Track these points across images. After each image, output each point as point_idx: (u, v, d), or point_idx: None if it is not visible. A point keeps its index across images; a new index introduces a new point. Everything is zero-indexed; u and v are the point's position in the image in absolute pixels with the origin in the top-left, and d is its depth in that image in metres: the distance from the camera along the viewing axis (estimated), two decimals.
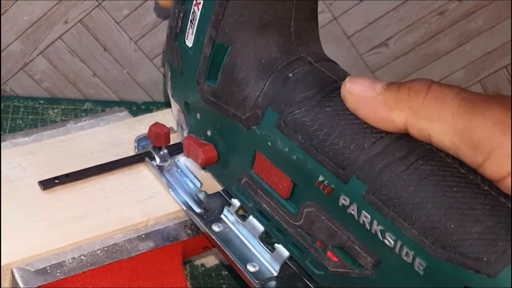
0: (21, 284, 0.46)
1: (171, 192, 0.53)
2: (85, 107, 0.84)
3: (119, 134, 0.60)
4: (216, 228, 0.50)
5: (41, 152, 0.57)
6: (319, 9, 0.83)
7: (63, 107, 0.83)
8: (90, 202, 0.53)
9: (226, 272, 0.66)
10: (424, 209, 0.35)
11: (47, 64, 0.82)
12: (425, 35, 0.88)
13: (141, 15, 0.80)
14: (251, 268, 0.47)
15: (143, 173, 0.56)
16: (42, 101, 0.83)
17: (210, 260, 0.67)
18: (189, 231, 0.53)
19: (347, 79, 0.40)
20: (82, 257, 0.49)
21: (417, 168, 0.36)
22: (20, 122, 0.80)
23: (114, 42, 0.82)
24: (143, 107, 0.86)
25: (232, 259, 0.48)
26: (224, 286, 0.65)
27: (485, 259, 0.33)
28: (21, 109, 0.81)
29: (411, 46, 0.89)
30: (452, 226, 0.34)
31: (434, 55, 0.91)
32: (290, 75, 0.43)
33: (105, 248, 0.50)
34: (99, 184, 0.55)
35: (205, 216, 0.51)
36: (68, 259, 0.49)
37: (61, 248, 0.49)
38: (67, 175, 0.54)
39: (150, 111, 0.81)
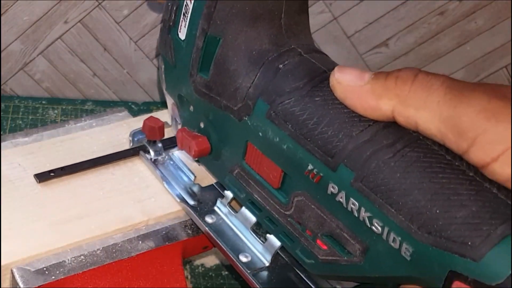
0: (21, 284, 0.46)
1: (165, 185, 0.54)
2: (85, 107, 0.84)
3: (119, 134, 0.60)
4: (209, 219, 0.51)
5: (41, 152, 0.57)
6: (319, 9, 0.84)
7: (63, 107, 0.83)
8: (90, 202, 0.53)
9: (226, 272, 0.66)
10: (411, 195, 0.36)
11: (47, 64, 0.82)
12: (425, 35, 0.88)
13: (141, 15, 0.80)
14: (243, 259, 0.48)
15: (143, 173, 0.56)
16: (42, 101, 0.83)
17: (210, 260, 0.67)
18: (189, 231, 0.53)
19: (336, 68, 0.40)
20: (82, 257, 0.49)
21: (404, 155, 0.37)
22: (20, 122, 0.80)
23: (114, 42, 0.82)
24: (143, 107, 0.86)
25: (225, 249, 0.48)
26: (224, 286, 0.65)
27: (469, 243, 0.33)
28: (21, 109, 0.81)
29: (411, 46, 0.89)
30: (437, 211, 0.35)
31: (434, 55, 0.91)
32: (281, 66, 0.44)
33: (105, 248, 0.50)
34: (98, 184, 0.55)
35: (198, 208, 0.51)
36: (68, 259, 0.49)
37: (61, 248, 0.49)
38: (62, 168, 0.54)
39: (150, 111, 0.81)
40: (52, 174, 0.54)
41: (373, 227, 0.38)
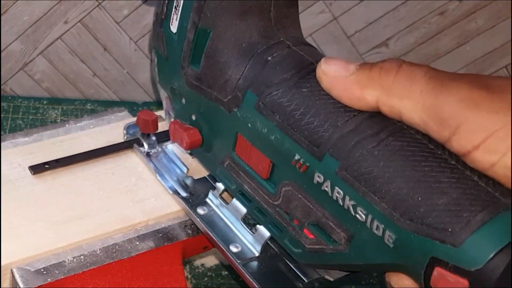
0: (21, 284, 0.46)
1: (158, 178, 0.54)
2: (85, 107, 0.84)
3: (119, 134, 0.60)
4: (201, 211, 0.51)
5: (41, 152, 0.57)
6: (319, 9, 0.84)
7: (63, 107, 0.83)
8: (90, 202, 0.53)
9: (226, 272, 0.66)
10: (393, 183, 0.36)
11: (47, 64, 0.82)
12: (425, 35, 0.88)
13: (141, 15, 0.80)
14: (233, 249, 0.49)
15: (143, 173, 0.56)
16: (42, 101, 0.83)
17: (210, 260, 0.67)
18: (189, 231, 0.53)
19: (322, 60, 0.41)
20: (82, 257, 0.49)
21: (387, 144, 0.38)
22: (20, 122, 0.80)
23: (114, 42, 0.82)
24: (143, 107, 0.86)
25: (216, 240, 0.49)
26: (224, 286, 0.65)
27: (450, 229, 0.34)
28: (21, 109, 0.81)
29: (411, 46, 0.89)
30: (419, 198, 0.35)
31: (434, 55, 0.91)
32: (269, 58, 0.44)
33: (105, 248, 0.50)
34: (99, 184, 0.55)
35: (190, 200, 0.52)
36: (68, 259, 0.49)
37: (61, 248, 0.49)
38: (57, 160, 0.55)
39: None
40: (46, 166, 0.54)
41: (357, 215, 0.39)
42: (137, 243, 0.51)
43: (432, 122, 0.36)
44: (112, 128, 0.61)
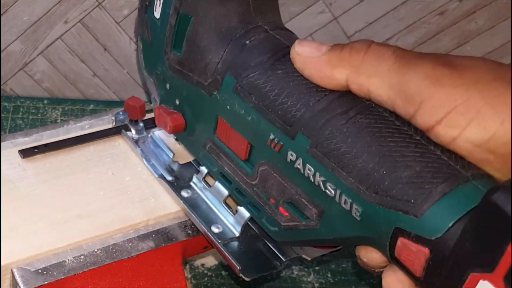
0: (21, 284, 0.46)
1: (145, 162, 0.56)
2: (85, 107, 0.84)
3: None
4: (185, 194, 0.53)
5: (41, 152, 0.57)
6: (319, 9, 0.84)
7: (63, 107, 0.83)
8: (90, 202, 0.53)
9: (226, 272, 0.66)
10: (360, 158, 0.38)
11: (47, 64, 0.82)
12: (425, 35, 0.88)
13: None
14: (215, 229, 0.50)
15: (143, 173, 0.56)
16: (42, 101, 0.83)
17: (210, 260, 0.67)
18: (189, 231, 0.53)
19: (296, 42, 0.42)
20: (82, 257, 0.49)
21: (355, 122, 0.39)
22: (20, 122, 0.80)
23: (114, 42, 0.82)
24: None
25: (198, 221, 0.51)
26: (224, 286, 0.65)
27: (412, 201, 0.35)
28: (21, 109, 0.81)
29: (411, 46, 0.89)
30: (384, 172, 0.37)
31: None
32: (247, 42, 0.46)
33: (105, 248, 0.50)
34: (99, 184, 0.55)
35: (175, 183, 0.54)
36: (68, 259, 0.49)
37: (61, 248, 0.49)
38: (46, 144, 0.57)
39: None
40: (36, 150, 0.56)
41: (327, 191, 0.40)
42: (137, 243, 0.51)
43: (398, 99, 0.37)
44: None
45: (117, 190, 0.54)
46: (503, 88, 0.35)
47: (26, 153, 0.55)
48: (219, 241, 0.50)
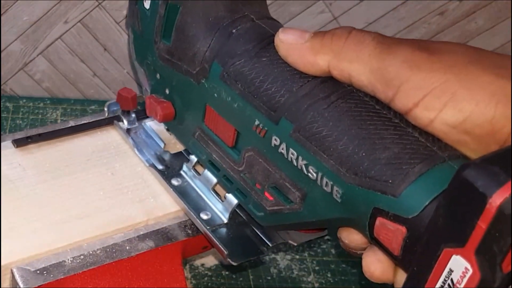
0: (21, 284, 0.46)
1: (136, 152, 0.57)
2: (85, 107, 0.84)
3: (119, 133, 0.60)
4: (175, 182, 0.54)
5: (41, 152, 0.57)
6: (319, 9, 0.84)
7: (63, 107, 0.83)
8: (90, 202, 0.53)
9: (227, 272, 0.66)
10: (341, 141, 0.39)
11: (47, 64, 0.82)
12: (425, 35, 0.88)
13: None
14: (204, 216, 0.51)
15: (143, 173, 0.56)
16: (42, 101, 0.83)
17: (210, 260, 0.67)
18: (189, 231, 0.53)
19: (280, 30, 0.43)
20: (82, 257, 0.49)
21: (337, 106, 0.40)
22: (20, 122, 0.80)
23: (114, 42, 0.82)
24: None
25: (187, 208, 0.52)
26: (224, 286, 0.65)
27: (390, 181, 0.36)
28: (21, 109, 0.81)
29: None
30: (363, 154, 0.38)
31: None
32: (234, 31, 0.47)
33: (105, 248, 0.50)
34: (99, 184, 0.55)
35: (166, 172, 0.55)
36: (68, 259, 0.49)
37: (61, 248, 0.49)
38: (39, 134, 0.57)
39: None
40: (29, 139, 0.56)
41: (309, 174, 0.41)
42: (137, 243, 0.51)
43: (378, 83, 0.38)
44: (113, 128, 0.61)
45: (117, 190, 0.54)
46: (478, 71, 0.36)
47: (19, 142, 0.56)
48: (208, 228, 0.50)
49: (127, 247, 0.50)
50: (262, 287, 0.65)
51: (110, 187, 0.55)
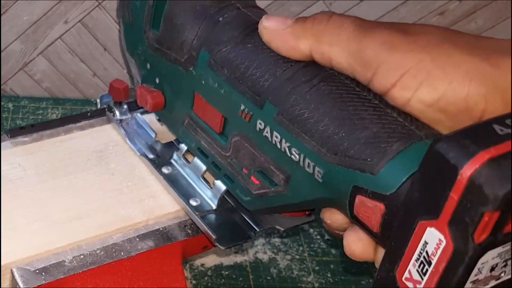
0: (21, 284, 0.46)
1: (128, 141, 0.58)
2: (85, 107, 0.84)
3: (119, 133, 0.60)
4: (165, 170, 0.55)
5: (41, 152, 0.57)
6: (319, 9, 0.84)
7: (63, 107, 0.83)
8: (90, 202, 0.53)
9: (227, 272, 0.66)
10: (322, 122, 0.40)
11: (47, 64, 0.82)
12: None
13: None
14: (193, 203, 0.52)
15: (143, 173, 0.56)
16: (42, 101, 0.83)
17: (210, 260, 0.67)
18: (189, 231, 0.53)
19: (263, 17, 0.45)
20: (82, 256, 0.49)
21: (318, 89, 0.41)
22: (20, 122, 0.80)
23: (114, 42, 0.82)
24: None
25: (177, 194, 0.53)
26: (224, 286, 0.65)
27: (369, 159, 0.37)
28: (21, 109, 0.81)
29: None
30: (344, 134, 0.39)
31: None
32: (220, 19, 0.48)
33: (105, 248, 0.50)
34: (98, 184, 0.55)
35: (156, 161, 0.56)
36: (68, 259, 0.49)
37: (61, 248, 0.49)
38: (32, 125, 0.59)
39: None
40: (23, 129, 0.58)
41: (292, 156, 0.42)
42: (137, 243, 0.51)
43: (357, 65, 0.39)
44: (113, 128, 0.61)
45: (117, 190, 0.54)
46: (452, 51, 0.37)
47: (13, 133, 0.57)
48: (197, 213, 0.51)
49: (127, 247, 0.50)
50: (262, 287, 0.65)
51: (110, 187, 0.55)
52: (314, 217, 0.52)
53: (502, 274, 0.34)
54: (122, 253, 0.50)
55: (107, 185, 0.55)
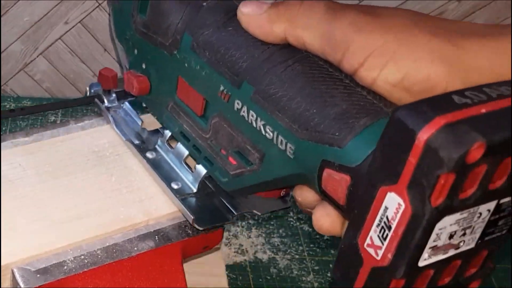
0: (21, 284, 0.47)
1: (115, 128, 0.60)
2: (85, 107, 0.84)
3: (120, 133, 0.60)
4: (149, 155, 0.57)
5: (41, 152, 0.57)
6: None
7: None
8: (90, 202, 0.53)
9: (227, 272, 0.66)
10: (295, 100, 0.42)
11: (48, 64, 0.82)
12: None
13: None
14: (174, 186, 0.54)
15: (143, 173, 0.56)
16: (42, 102, 0.83)
17: None
18: (189, 231, 0.53)
19: (241, 3, 0.46)
20: (82, 257, 0.49)
21: (293, 69, 0.43)
22: (20, 122, 0.80)
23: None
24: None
25: (159, 178, 0.54)
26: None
27: (337, 134, 0.39)
28: None
29: None
30: (315, 111, 0.40)
31: None
32: (204, 4, 0.49)
33: (105, 248, 0.50)
34: (98, 184, 0.55)
35: (141, 147, 0.58)
36: (69, 259, 0.49)
37: (61, 248, 0.49)
38: (22, 108, 0.62)
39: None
40: (13, 112, 0.60)
41: (267, 134, 0.44)
42: (137, 243, 0.51)
43: (327, 47, 0.41)
44: (112, 128, 0.61)
45: (117, 190, 0.54)
46: (416, 31, 0.38)
47: (3, 114, 0.60)
48: (177, 196, 0.53)
49: (128, 247, 0.50)
50: (261, 287, 0.65)
51: (110, 187, 0.55)
52: (290, 204, 0.53)
53: (461, 244, 0.34)
54: (122, 253, 0.50)
55: (107, 185, 0.55)
